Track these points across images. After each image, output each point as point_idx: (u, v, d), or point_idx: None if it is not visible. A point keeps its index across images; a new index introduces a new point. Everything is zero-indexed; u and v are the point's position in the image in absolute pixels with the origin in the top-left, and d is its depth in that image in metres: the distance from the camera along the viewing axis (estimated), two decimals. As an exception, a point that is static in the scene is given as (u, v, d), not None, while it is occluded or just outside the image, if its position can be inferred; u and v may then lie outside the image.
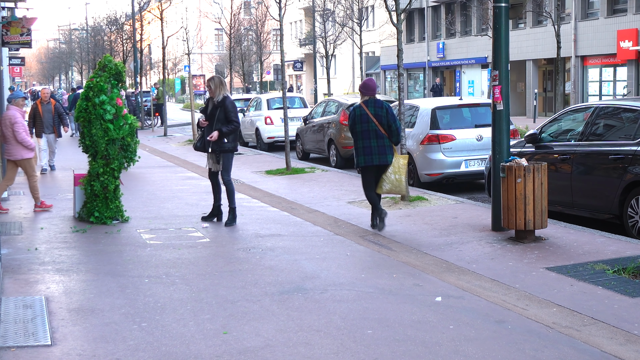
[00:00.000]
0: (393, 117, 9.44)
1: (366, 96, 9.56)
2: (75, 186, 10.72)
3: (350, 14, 36.14)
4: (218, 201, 10.30)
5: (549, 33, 32.16)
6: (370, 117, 9.40)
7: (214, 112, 9.91)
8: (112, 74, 10.42)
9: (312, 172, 15.91)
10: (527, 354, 5.15)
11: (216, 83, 9.91)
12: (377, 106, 9.45)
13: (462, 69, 44.41)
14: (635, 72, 31.65)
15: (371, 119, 9.39)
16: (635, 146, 8.90)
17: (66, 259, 8.24)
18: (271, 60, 66.15)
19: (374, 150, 9.40)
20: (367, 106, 9.48)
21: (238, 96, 30.44)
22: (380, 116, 9.39)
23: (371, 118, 9.39)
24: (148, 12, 45.81)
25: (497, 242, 8.58)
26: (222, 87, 10.00)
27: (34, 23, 18.87)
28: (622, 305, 6.15)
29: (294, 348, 5.34)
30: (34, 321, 5.97)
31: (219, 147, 9.87)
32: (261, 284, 7.07)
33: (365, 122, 9.43)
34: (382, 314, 6.06)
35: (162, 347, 5.39)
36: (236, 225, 10.06)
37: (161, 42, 38.57)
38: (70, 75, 78.87)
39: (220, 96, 9.90)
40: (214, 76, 10.08)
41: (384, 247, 8.57)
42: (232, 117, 9.87)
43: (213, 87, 9.91)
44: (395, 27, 11.87)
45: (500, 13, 9.05)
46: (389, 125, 9.40)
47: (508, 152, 9.11)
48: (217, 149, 9.87)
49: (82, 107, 10.27)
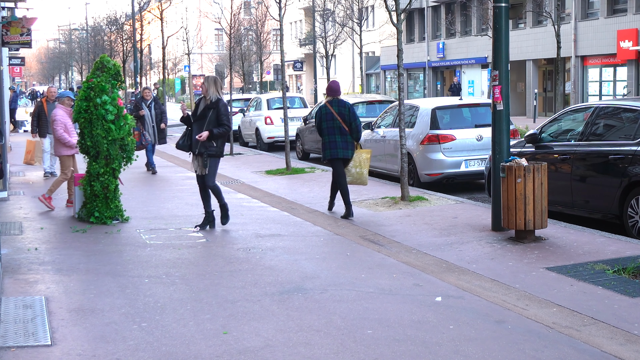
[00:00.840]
0: (354, 116, 10.45)
1: (330, 97, 10.63)
2: (75, 186, 10.72)
3: (350, 14, 36.16)
4: (209, 207, 9.83)
5: (549, 33, 32.16)
6: (335, 115, 10.42)
7: (205, 112, 9.47)
8: (112, 74, 10.43)
9: (312, 172, 15.91)
10: (527, 354, 5.15)
11: (210, 82, 9.49)
12: (340, 105, 10.47)
13: (462, 69, 44.41)
14: (635, 72, 31.65)
15: (335, 117, 10.41)
16: (635, 146, 8.90)
17: (66, 259, 8.24)
18: (271, 60, 66.16)
19: (339, 145, 10.47)
20: (332, 105, 10.50)
21: (238, 96, 30.43)
22: (344, 114, 10.41)
23: (335, 116, 10.41)
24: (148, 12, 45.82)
25: (497, 242, 8.58)
26: (217, 87, 9.57)
27: (34, 23, 18.88)
28: (622, 305, 6.15)
29: (294, 348, 5.34)
30: (34, 321, 5.97)
31: (207, 150, 9.44)
32: (261, 284, 7.07)
33: (330, 120, 10.44)
34: (382, 314, 6.06)
35: (162, 347, 5.39)
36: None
37: (161, 42, 38.59)
38: (70, 75, 78.89)
39: (214, 96, 9.47)
40: (209, 75, 9.65)
41: (384, 247, 8.57)
42: (224, 120, 9.43)
43: (207, 85, 9.48)
44: (395, 27, 11.87)
45: (500, 13, 9.05)
46: (350, 123, 10.39)
47: (508, 152, 9.11)
48: (205, 152, 9.43)
49: (83, 108, 10.25)
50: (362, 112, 18.45)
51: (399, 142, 11.88)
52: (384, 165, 14.90)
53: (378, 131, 15.07)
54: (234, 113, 23.68)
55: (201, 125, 9.40)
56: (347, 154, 10.47)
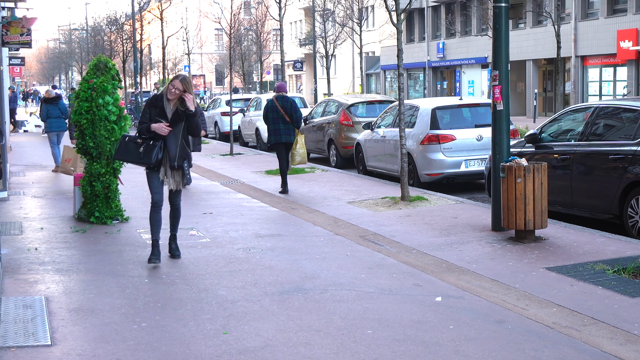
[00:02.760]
0: (295, 109, 12.93)
1: (277, 93, 13.20)
2: (75, 186, 10.71)
3: (350, 14, 36.17)
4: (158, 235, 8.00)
5: (549, 33, 32.17)
6: (279, 107, 12.90)
7: (180, 118, 7.72)
8: (112, 74, 10.42)
9: (312, 172, 15.91)
10: (527, 354, 5.15)
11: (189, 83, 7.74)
12: (284, 100, 12.96)
13: (462, 69, 44.42)
14: (635, 72, 31.65)
15: (279, 109, 12.89)
16: (635, 146, 8.90)
17: (66, 259, 8.24)
18: (271, 60, 66.16)
19: (282, 132, 12.90)
20: (277, 100, 12.99)
21: (237, 96, 30.43)
22: (286, 107, 12.88)
23: (279, 109, 12.89)
24: (148, 12, 45.83)
25: (497, 242, 8.58)
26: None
27: (34, 23, 18.89)
28: (622, 305, 6.15)
29: (294, 348, 5.34)
30: (34, 321, 5.97)
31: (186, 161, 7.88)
32: (261, 284, 7.07)
33: (275, 112, 12.94)
34: (382, 314, 6.06)
35: (162, 347, 5.39)
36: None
37: (161, 42, 38.59)
38: (70, 75, 78.87)
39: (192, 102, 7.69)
40: (185, 75, 7.90)
41: (384, 247, 8.57)
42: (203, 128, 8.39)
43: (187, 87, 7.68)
44: (395, 27, 11.87)
45: (500, 13, 9.05)
46: (291, 115, 12.85)
47: (508, 152, 9.11)
48: (185, 165, 7.85)
49: (84, 109, 10.22)
50: (362, 112, 18.46)
51: (399, 142, 11.96)
52: (384, 165, 14.91)
53: (378, 131, 15.07)
54: (234, 113, 23.68)
55: (177, 133, 7.73)
56: (290, 139, 12.93)
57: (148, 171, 7.86)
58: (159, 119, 7.71)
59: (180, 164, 7.80)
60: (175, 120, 7.74)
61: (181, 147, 7.80)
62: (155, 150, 7.69)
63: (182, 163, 7.81)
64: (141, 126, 7.78)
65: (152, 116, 7.74)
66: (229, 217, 10.71)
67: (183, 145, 7.81)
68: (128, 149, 7.85)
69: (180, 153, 7.79)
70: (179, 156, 7.80)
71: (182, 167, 7.83)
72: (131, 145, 7.83)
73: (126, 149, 7.87)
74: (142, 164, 7.87)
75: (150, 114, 7.78)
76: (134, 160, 7.86)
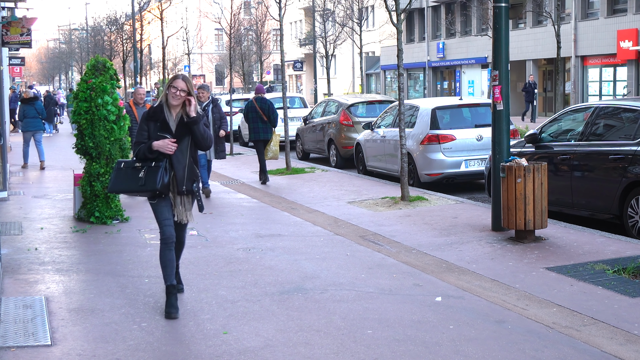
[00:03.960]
0: (272, 110, 14.24)
1: (257, 95, 14.46)
2: (75, 186, 10.71)
3: (350, 14, 36.15)
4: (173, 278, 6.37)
5: (549, 33, 32.17)
6: (257, 108, 14.22)
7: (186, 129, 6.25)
8: (111, 74, 10.43)
9: (312, 172, 15.91)
10: (527, 354, 5.15)
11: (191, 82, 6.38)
12: (262, 102, 14.30)
13: (462, 69, 44.41)
14: (635, 72, 31.65)
15: (258, 110, 14.21)
16: (635, 146, 8.90)
17: (66, 259, 8.24)
18: (271, 60, 66.14)
19: (260, 130, 14.28)
20: (256, 101, 14.31)
21: (237, 96, 30.42)
22: (264, 108, 14.19)
23: (258, 109, 14.21)
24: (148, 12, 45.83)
25: (497, 242, 8.58)
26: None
27: (34, 23, 18.89)
28: (622, 305, 6.15)
29: (294, 348, 5.34)
30: (34, 321, 5.97)
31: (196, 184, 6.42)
32: (261, 284, 7.07)
33: (254, 112, 14.26)
34: (382, 314, 6.06)
35: (162, 347, 5.39)
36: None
37: (161, 42, 38.60)
38: (70, 75, 78.87)
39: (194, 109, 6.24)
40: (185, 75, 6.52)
41: (384, 247, 8.57)
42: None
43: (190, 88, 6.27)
44: (395, 27, 11.87)
45: (500, 13, 9.05)
46: (269, 115, 14.17)
47: (508, 152, 9.11)
48: (196, 188, 6.40)
49: (84, 109, 10.22)
50: (362, 112, 18.46)
51: (399, 142, 11.96)
52: (384, 165, 14.91)
53: (378, 131, 15.07)
54: (234, 113, 23.67)
55: (183, 149, 6.27)
56: (267, 136, 14.32)
57: (152, 202, 6.34)
58: (161, 134, 6.21)
59: (189, 188, 6.28)
60: (180, 133, 6.25)
61: (189, 167, 6.29)
62: (160, 172, 6.15)
63: (192, 186, 6.30)
64: (138, 147, 6.26)
65: (152, 133, 6.24)
66: (229, 217, 10.72)
67: (191, 164, 6.31)
68: (125, 176, 6.29)
69: (188, 174, 6.27)
70: (187, 178, 6.27)
71: (193, 191, 6.31)
72: (129, 172, 6.26)
73: (123, 176, 6.30)
74: (144, 192, 6.30)
75: (148, 131, 6.26)
76: (134, 189, 6.29)
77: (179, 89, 6.17)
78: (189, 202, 6.38)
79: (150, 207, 6.39)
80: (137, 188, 6.24)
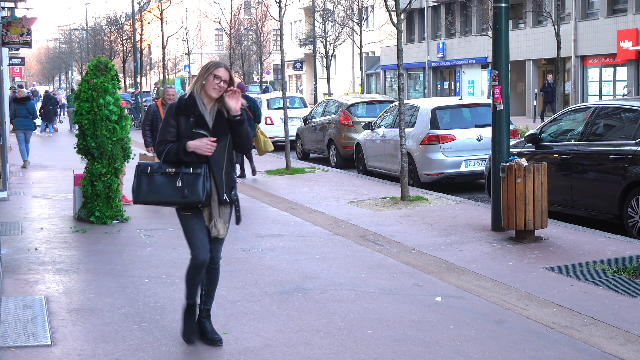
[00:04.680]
0: (256, 107, 14.66)
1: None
2: (75, 186, 10.71)
3: (350, 14, 36.13)
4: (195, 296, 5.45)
5: (549, 33, 32.16)
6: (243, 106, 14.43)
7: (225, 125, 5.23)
8: (112, 74, 10.43)
9: (312, 172, 15.91)
10: (527, 354, 5.15)
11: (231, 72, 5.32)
12: (247, 99, 14.49)
13: (462, 69, 44.41)
14: (635, 72, 31.65)
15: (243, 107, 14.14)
16: (635, 146, 8.90)
17: (66, 259, 8.24)
18: (271, 60, 66.15)
19: None
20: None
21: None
22: (249, 106, 14.09)
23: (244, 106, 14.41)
24: (148, 12, 45.82)
25: (497, 242, 8.58)
26: None
27: (34, 23, 18.90)
28: (622, 305, 6.15)
29: (294, 348, 5.34)
30: (34, 321, 5.97)
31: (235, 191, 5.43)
32: (261, 284, 7.07)
33: None
34: (382, 314, 6.06)
35: (162, 347, 5.39)
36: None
37: (161, 42, 38.59)
38: (70, 75, 78.85)
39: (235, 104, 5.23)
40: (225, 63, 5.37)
41: (384, 247, 8.57)
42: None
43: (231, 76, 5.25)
44: (395, 27, 11.87)
45: (500, 13, 9.05)
46: (254, 112, 14.47)
47: (508, 152, 9.11)
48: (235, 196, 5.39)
49: (85, 109, 10.21)
50: (362, 112, 18.46)
51: (399, 142, 11.96)
52: (384, 165, 14.91)
53: (378, 131, 15.07)
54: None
55: (221, 150, 5.23)
56: (254, 132, 14.52)
57: (184, 213, 5.24)
58: (197, 131, 5.12)
59: (230, 197, 5.30)
60: (219, 130, 5.19)
61: (227, 172, 5.28)
62: (201, 180, 5.09)
63: (232, 194, 5.32)
64: (166, 147, 5.14)
65: (184, 130, 5.14)
66: (229, 217, 10.70)
67: (229, 168, 5.31)
68: (155, 184, 5.15)
69: (227, 180, 5.28)
70: (226, 184, 5.28)
71: (233, 200, 5.33)
72: (158, 179, 5.15)
73: (152, 184, 5.15)
74: (183, 204, 5.17)
75: (178, 127, 5.16)
76: (172, 200, 5.15)
77: (220, 79, 5.11)
78: (227, 213, 5.35)
79: (180, 220, 5.28)
80: (178, 199, 5.09)
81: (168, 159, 5.12)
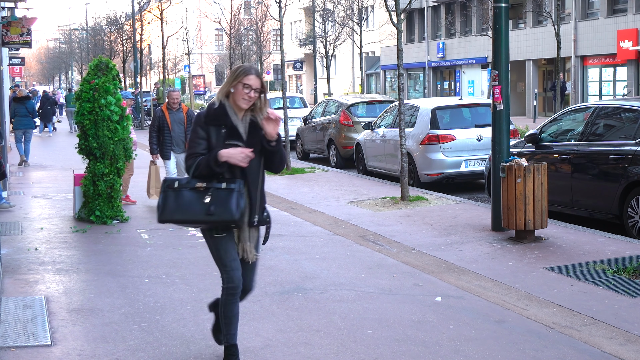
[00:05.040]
0: None
1: None
2: (76, 186, 10.71)
3: (350, 14, 36.13)
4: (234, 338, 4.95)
5: (549, 33, 32.16)
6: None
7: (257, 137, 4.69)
8: (114, 75, 10.44)
9: (312, 172, 15.91)
10: (527, 354, 5.14)
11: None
12: None
13: (462, 69, 44.41)
14: (635, 72, 31.65)
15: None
16: (635, 146, 8.90)
17: (66, 259, 8.24)
18: (271, 60, 66.11)
19: None
20: None
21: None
22: None
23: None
24: (148, 12, 45.81)
25: (497, 242, 8.58)
26: None
27: (34, 23, 18.91)
28: (622, 305, 6.15)
29: (294, 348, 5.34)
30: (34, 321, 5.97)
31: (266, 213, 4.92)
32: (261, 284, 7.06)
33: None
34: (382, 314, 6.06)
35: (162, 347, 5.39)
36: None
37: (161, 42, 38.58)
38: (70, 75, 78.85)
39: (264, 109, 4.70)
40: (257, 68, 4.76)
41: (384, 247, 8.57)
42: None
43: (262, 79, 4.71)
44: (395, 27, 11.87)
45: (500, 13, 9.05)
46: None
47: (508, 152, 9.11)
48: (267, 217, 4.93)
49: (87, 109, 10.21)
50: (362, 112, 18.47)
51: (399, 142, 11.96)
52: (384, 165, 14.91)
53: (378, 131, 15.08)
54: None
55: (256, 164, 4.73)
56: None
57: (215, 234, 4.73)
58: (230, 142, 4.62)
59: (262, 218, 4.83)
60: (254, 142, 4.66)
61: (261, 191, 4.81)
62: (234, 196, 4.55)
63: (263, 215, 4.85)
64: (196, 161, 4.62)
65: (216, 142, 4.62)
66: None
67: (263, 188, 4.83)
68: (183, 200, 4.60)
69: (260, 200, 4.79)
70: (260, 204, 4.79)
71: (266, 221, 4.88)
72: (186, 195, 4.60)
73: (179, 201, 4.61)
74: (212, 223, 4.65)
75: (208, 139, 4.64)
76: (199, 219, 4.60)
77: (252, 88, 4.59)
78: (255, 237, 4.87)
79: (209, 242, 4.80)
80: (204, 218, 4.56)
81: (198, 173, 4.60)
